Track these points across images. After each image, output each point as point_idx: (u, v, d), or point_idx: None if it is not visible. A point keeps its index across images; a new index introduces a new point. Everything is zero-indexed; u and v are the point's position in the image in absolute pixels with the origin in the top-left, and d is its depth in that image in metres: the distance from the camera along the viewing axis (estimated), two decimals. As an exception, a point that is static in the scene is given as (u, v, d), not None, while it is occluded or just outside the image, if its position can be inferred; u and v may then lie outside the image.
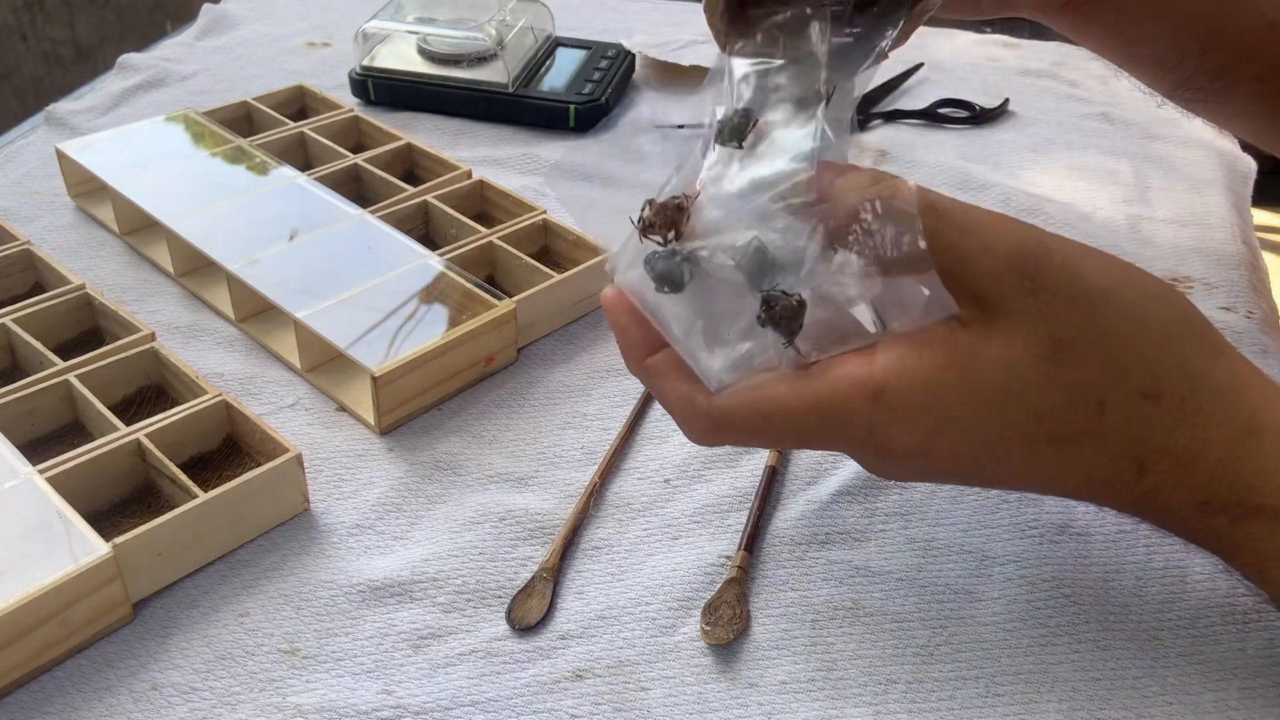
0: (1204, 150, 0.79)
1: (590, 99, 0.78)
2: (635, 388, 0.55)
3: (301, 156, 0.72)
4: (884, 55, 0.39)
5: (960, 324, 0.35)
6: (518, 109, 0.79)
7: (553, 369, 0.57)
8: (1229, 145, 0.80)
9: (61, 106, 0.79)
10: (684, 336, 0.37)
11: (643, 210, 0.37)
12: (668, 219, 0.37)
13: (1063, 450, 0.36)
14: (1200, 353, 0.37)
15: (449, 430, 0.53)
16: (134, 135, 0.71)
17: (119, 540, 0.41)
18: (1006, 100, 0.84)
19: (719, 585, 0.44)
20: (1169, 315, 0.37)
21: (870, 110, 0.82)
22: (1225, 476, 0.36)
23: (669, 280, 0.36)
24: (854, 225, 0.34)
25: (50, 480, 0.44)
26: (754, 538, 0.46)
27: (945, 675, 0.41)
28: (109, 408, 0.48)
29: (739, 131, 0.38)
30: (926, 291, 0.34)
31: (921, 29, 0.42)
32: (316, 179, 0.66)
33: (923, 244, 0.33)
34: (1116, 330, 0.35)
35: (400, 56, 0.82)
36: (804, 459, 0.51)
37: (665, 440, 0.52)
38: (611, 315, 0.38)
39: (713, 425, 0.37)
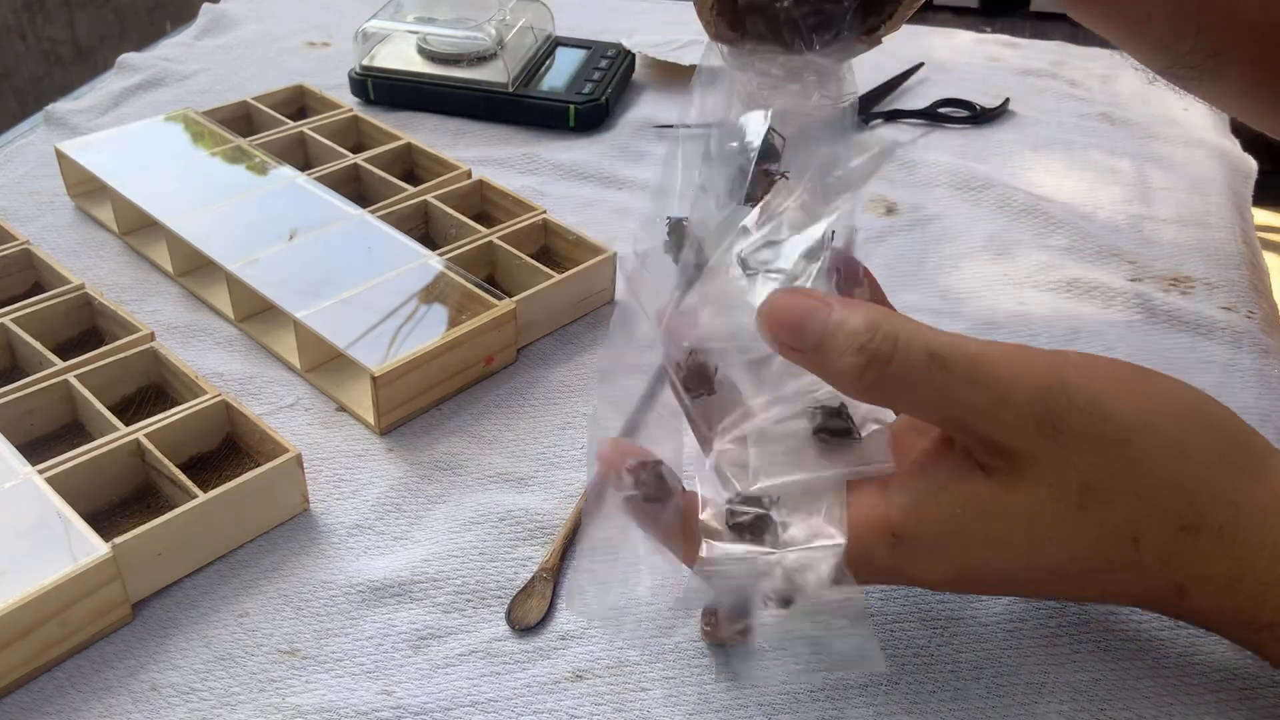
0: (1204, 150, 0.79)
1: (590, 99, 0.78)
2: (635, 388, 0.55)
3: (301, 156, 0.72)
4: (878, 42, 0.38)
5: (980, 469, 0.34)
6: (518, 109, 0.79)
7: (553, 369, 0.57)
8: (1229, 145, 0.80)
9: (61, 106, 0.79)
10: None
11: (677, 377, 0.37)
12: (696, 376, 0.37)
13: (1097, 580, 0.35)
14: (1240, 474, 0.34)
15: (449, 430, 0.53)
16: (134, 135, 0.71)
17: (119, 540, 0.41)
18: (1007, 100, 0.84)
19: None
20: (1206, 441, 0.35)
21: (870, 110, 0.82)
22: (1270, 597, 0.34)
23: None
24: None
25: (50, 480, 0.44)
26: (754, 538, 0.46)
27: (946, 676, 0.41)
28: (108, 408, 0.48)
29: (678, 243, 0.37)
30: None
31: (921, 29, 0.42)
32: (316, 179, 0.66)
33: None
34: (1150, 469, 0.33)
35: (400, 56, 0.82)
36: (804, 459, 0.51)
37: (665, 440, 0.52)
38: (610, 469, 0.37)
39: None
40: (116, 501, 0.47)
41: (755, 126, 0.37)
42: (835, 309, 0.33)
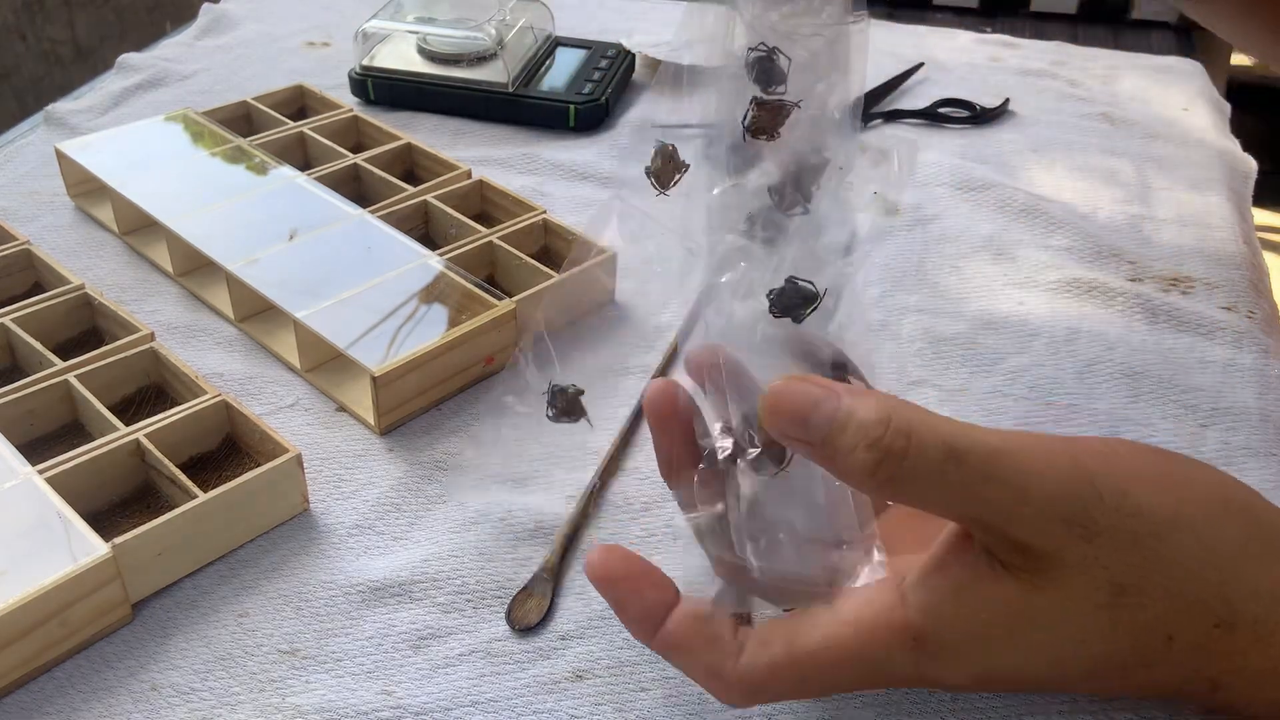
0: (1204, 150, 0.79)
1: (590, 99, 0.78)
2: (635, 387, 0.55)
3: (301, 156, 0.72)
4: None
5: (1004, 568, 0.32)
6: (518, 109, 0.79)
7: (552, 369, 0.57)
8: (1230, 145, 0.80)
9: (61, 106, 0.79)
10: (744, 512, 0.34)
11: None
12: (770, 119, 0.33)
13: (1129, 677, 0.34)
14: (1274, 565, 0.33)
15: (449, 430, 0.52)
16: (133, 135, 0.71)
17: (118, 540, 0.41)
18: (1007, 100, 0.83)
19: (719, 586, 0.44)
20: (1237, 531, 0.33)
21: (871, 110, 0.82)
22: None
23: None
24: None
25: (50, 480, 0.44)
26: (754, 538, 0.46)
27: (946, 675, 0.41)
28: (108, 408, 0.48)
29: (768, 75, 0.33)
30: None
31: (921, 28, 0.42)
32: (316, 179, 0.66)
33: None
34: (1183, 564, 0.32)
35: (400, 56, 0.82)
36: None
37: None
38: (606, 585, 0.35)
39: (747, 693, 0.34)
40: (116, 501, 0.47)
41: (755, 49, 0.33)
42: (844, 399, 0.31)
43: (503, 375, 0.35)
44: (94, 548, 0.41)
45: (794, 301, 0.33)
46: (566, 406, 0.37)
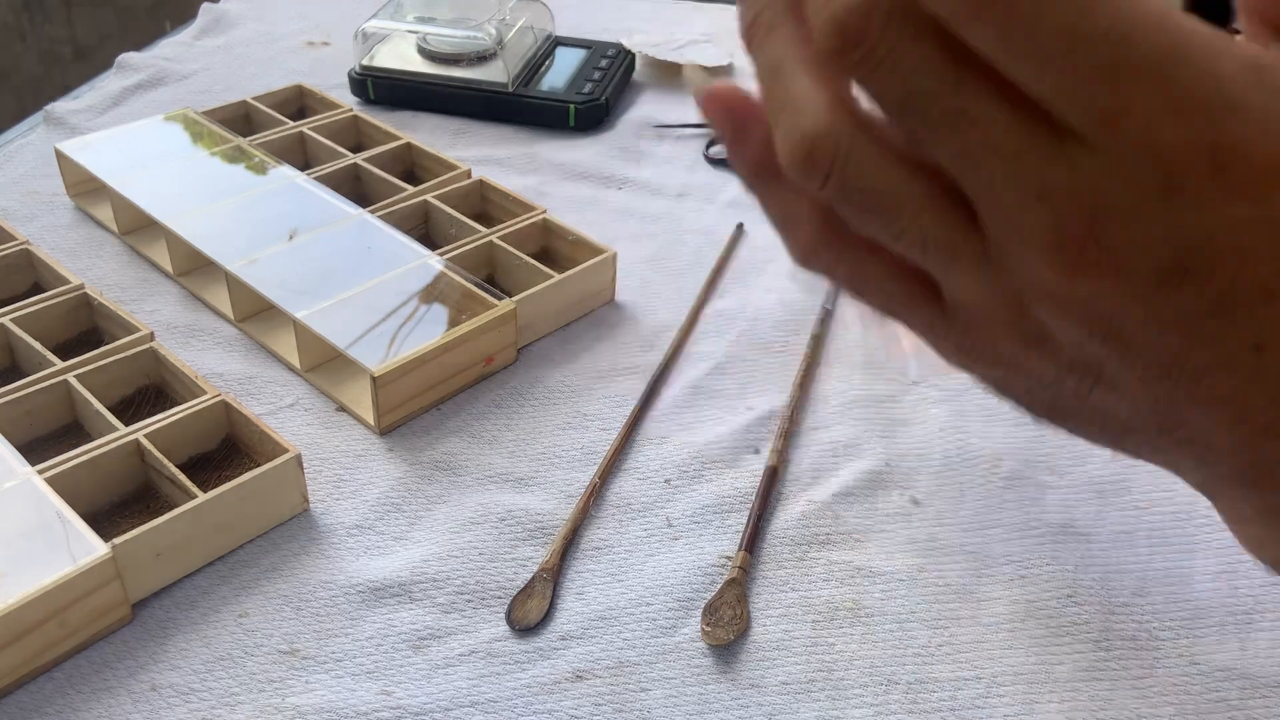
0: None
1: (590, 99, 0.78)
2: (635, 388, 0.55)
3: (301, 156, 0.72)
4: None
5: None
6: (518, 109, 0.79)
7: (553, 369, 0.57)
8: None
9: (60, 106, 0.79)
10: None
11: None
12: None
13: None
14: None
15: (449, 430, 0.52)
16: (133, 135, 0.71)
17: (118, 541, 0.41)
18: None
19: (719, 585, 0.44)
20: None
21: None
22: None
23: None
24: None
25: (49, 481, 0.44)
26: (754, 538, 0.46)
27: (946, 676, 0.41)
28: (108, 408, 0.48)
29: None
30: None
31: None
32: (316, 179, 0.66)
33: None
34: None
35: (400, 56, 0.82)
36: (804, 459, 0.51)
37: (665, 440, 0.52)
38: (725, 114, 0.27)
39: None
40: (116, 501, 0.47)
41: None
42: None
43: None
44: (93, 548, 0.41)
45: None
46: None
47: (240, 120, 0.75)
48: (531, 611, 0.43)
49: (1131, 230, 0.23)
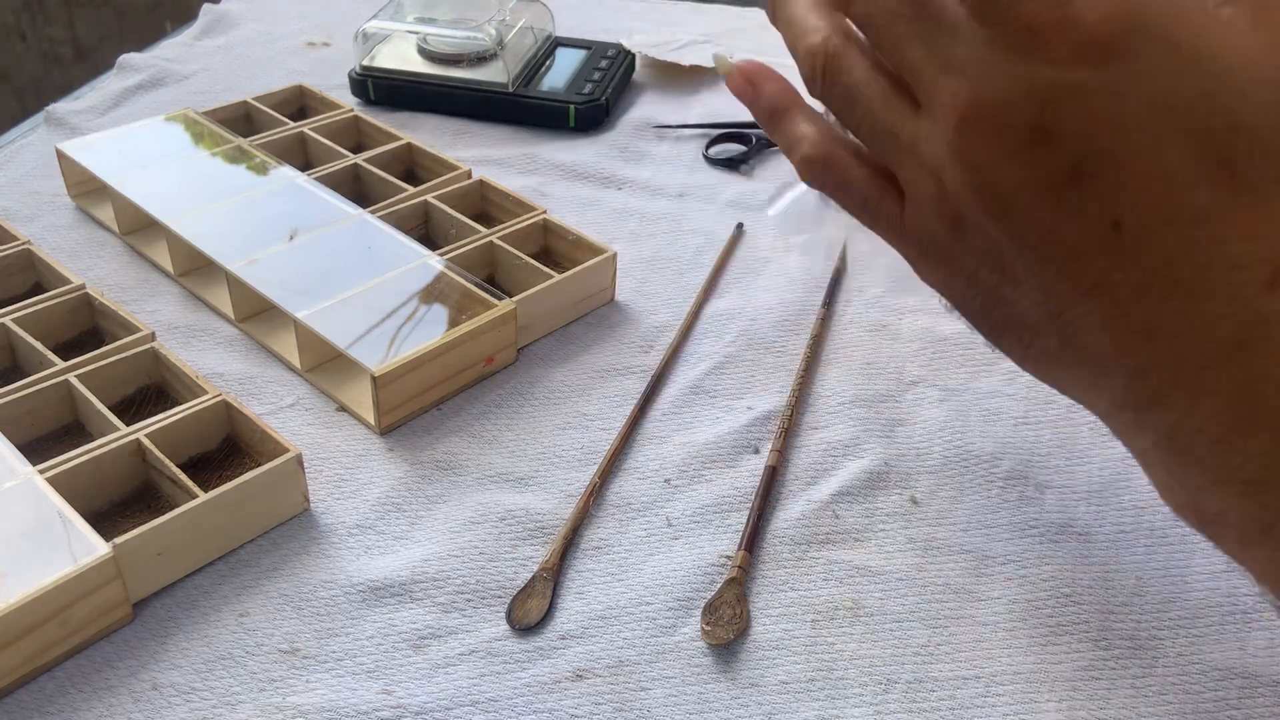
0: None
1: (590, 99, 0.78)
2: (635, 388, 0.55)
3: (301, 156, 0.72)
4: None
5: None
6: (518, 109, 0.79)
7: (553, 369, 0.57)
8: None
9: (61, 106, 0.79)
10: None
11: None
12: None
13: None
14: None
15: (449, 430, 0.53)
16: (134, 135, 0.71)
17: (119, 540, 0.41)
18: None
19: (719, 585, 0.44)
20: None
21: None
22: None
23: None
24: None
25: (50, 480, 0.44)
26: (754, 538, 0.46)
27: (945, 675, 0.41)
28: (109, 408, 0.48)
29: None
30: None
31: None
32: (316, 179, 0.66)
33: None
34: None
35: (400, 56, 0.82)
36: (804, 458, 0.51)
37: (665, 440, 0.52)
38: (745, 79, 0.37)
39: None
40: (117, 501, 0.47)
41: None
42: None
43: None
44: (94, 548, 0.41)
45: None
46: None
47: (241, 121, 0.75)
48: (532, 611, 0.43)
49: (1004, 90, 0.27)
